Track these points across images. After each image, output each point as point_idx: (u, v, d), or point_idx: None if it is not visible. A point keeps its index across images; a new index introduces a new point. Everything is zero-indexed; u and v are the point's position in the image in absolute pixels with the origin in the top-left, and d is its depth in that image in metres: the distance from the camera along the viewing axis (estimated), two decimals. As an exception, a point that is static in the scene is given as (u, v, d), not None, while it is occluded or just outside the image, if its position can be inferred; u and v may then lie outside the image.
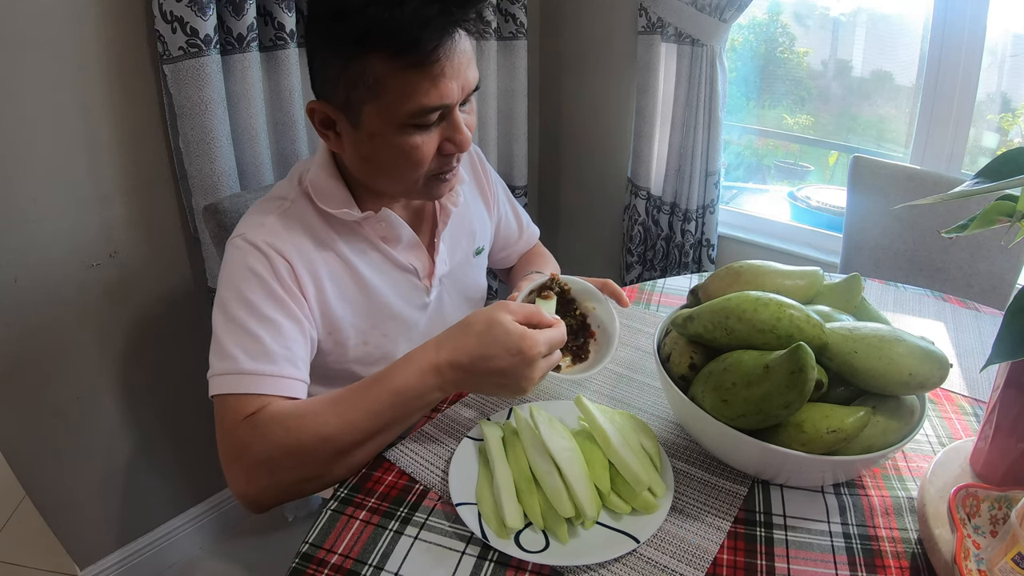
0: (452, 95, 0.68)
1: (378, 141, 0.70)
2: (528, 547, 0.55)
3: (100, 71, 1.04)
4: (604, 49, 1.81)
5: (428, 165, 0.73)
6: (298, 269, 0.75)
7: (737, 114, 1.85)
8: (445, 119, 0.71)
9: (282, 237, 0.75)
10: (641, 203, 1.76)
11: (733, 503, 0.62)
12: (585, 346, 0.80)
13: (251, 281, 0.72)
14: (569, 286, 0.83)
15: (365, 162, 0.75)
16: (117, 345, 1.20)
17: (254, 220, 0.77)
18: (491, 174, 1.02)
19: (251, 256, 0.73)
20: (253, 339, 0.69)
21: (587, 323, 0.82)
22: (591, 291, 0.82)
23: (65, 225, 1.07)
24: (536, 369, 0.64)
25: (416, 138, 0.70)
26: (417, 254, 0.86)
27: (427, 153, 0.71)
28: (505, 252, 1.11)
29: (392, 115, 0.68)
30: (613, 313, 0.81)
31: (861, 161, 1.34)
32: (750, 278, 0.70)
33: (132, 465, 1.29)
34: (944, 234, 0.61)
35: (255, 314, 0.71)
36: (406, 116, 0.68)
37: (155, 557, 1.37)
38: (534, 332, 0.64)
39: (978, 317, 0.98)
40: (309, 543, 0.57)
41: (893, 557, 0.56)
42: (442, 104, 0.68)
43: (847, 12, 1.66)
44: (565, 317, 0.79)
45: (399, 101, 0.66)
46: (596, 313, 0.82)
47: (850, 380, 0.59)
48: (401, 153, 0.71)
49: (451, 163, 0.75)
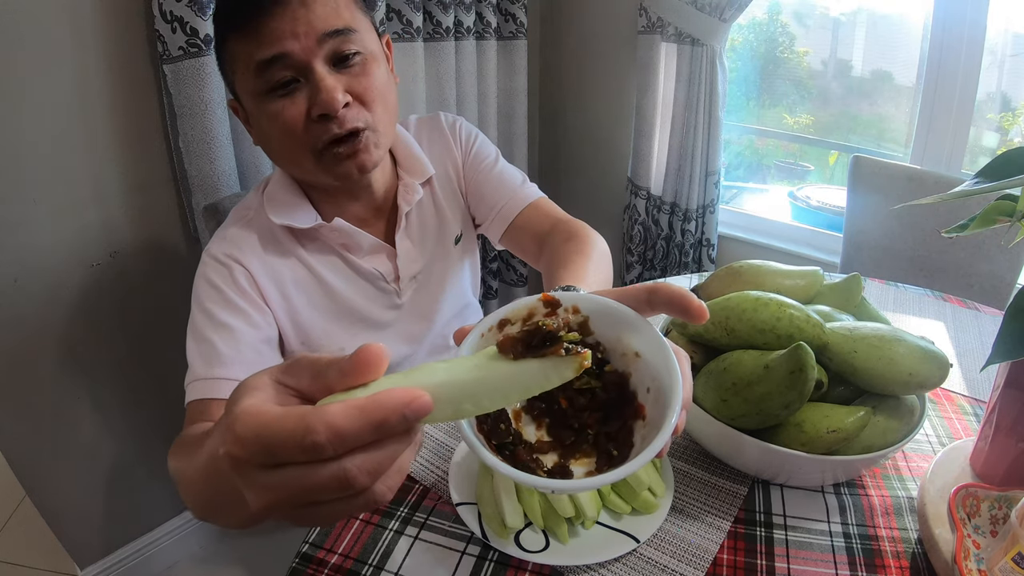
0: (281, 43, 0.65)
1: (256, 119, 0.72)
2: (528, 547, 0.55)
3: (100, 71, 1.04)
4: (604, 49, 1.81)
5: (303, 135, 0.69)
6: (259, 278, 0.76)
7: (737, 114, 1.85)
8: (308, 82, 0.67)
9: (243, 248, 0.76)
10: (641, 203, 1.76)
11: (733, 503, 0.62)
12: (626, 432, 0.39)
13: (209, 292, 0.73)
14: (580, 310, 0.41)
15: (266, 146, 0.75)
16: (117, 345, 1.20)
17: (219, 233, 0.78)
18: (468, 136, 0.92)
19: (211, 269, 0.75)
20: (208, 345, 0.70)
21: (630, 389, 0.40)
22: (626, 318, 0.40)
23: (65, 225, 1.07)
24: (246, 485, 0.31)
25: (277, 104, 0.68)
26: (382, 258, 0.84)
27: (291, 119, 0.68)
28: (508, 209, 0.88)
29: (247, 85, 0.69)
30: (671, 359, 0.38)
31: (861, 161, 1.34)
32: (750, 278, 0.70)
33: (132, 465, 1.29)
34: (944, 234, 0.61)
35: (212, 322, 0.71)
36: (254, 80, 0.67)
37: (155, 557, 1.37)
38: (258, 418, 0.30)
39: (978, 317, 0.98)
40: (309, 543, 0.57)
41: (893, 557, 0.56)
42: (271, 55, 0.65)
43: (847, 12, 1.66)
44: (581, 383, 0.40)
45: (245, 67, 0.68)
46: (642, 364, 0.40)
47: (850, 380, 0.59)
48: (272, 124, 0.69)
49: (331, 131, 0.68)
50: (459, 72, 1.57)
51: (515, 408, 0.41)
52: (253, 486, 0.30)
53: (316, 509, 0.31)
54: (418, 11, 1.41)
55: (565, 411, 0.41)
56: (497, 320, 0.40)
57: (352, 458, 0.29)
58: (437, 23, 1.47)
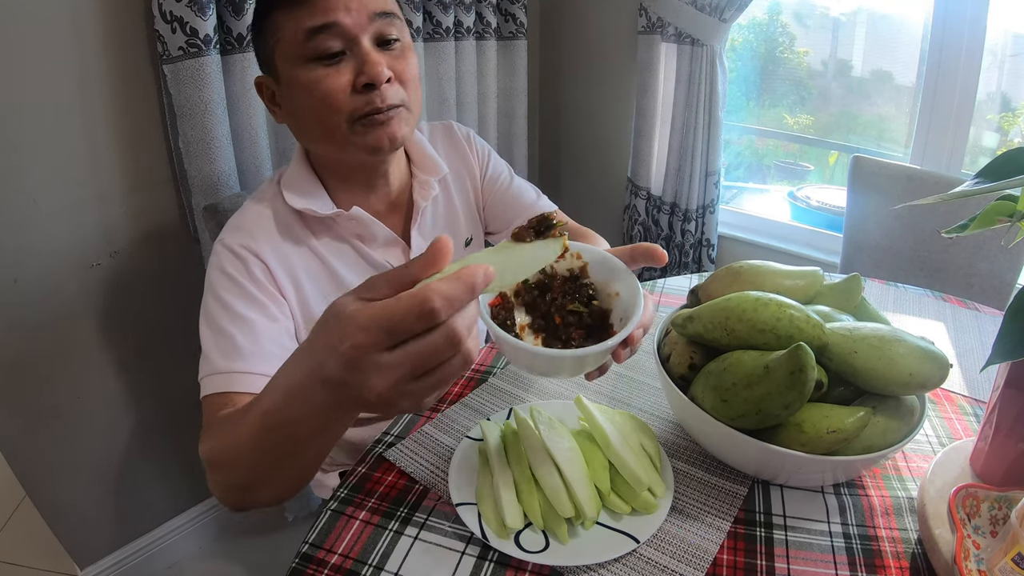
0: (333, 13, 0.69)
1: (294, 88, 0.72)
2: (528, 547, 0.55)
3: (100, 71, 1.04)
4: (604, 49, 1.81)
5: (344, 104, 0.71)
6: (275, 269, 0.76)
7: (737, 114, 1.85)
8: (354, 53, 0.71)
9: (257, 239, 0.76)
10: (641, 203, 1.76)
11: (733, 503, 0.62)
12: None
13: (225, 284, 0.73)
14: (582, 257, 0.57)
15: (295, 119, 0.76)
16: (117, 345, 1.20)
17: (233, 223, 0.78)
18: (481, 151, 0.98)
19: (226, 260, 0.74)
20: (226, 338, 0.70)
21: (609, 320, 0.56)
22: (615, 268, 0.56)
23: (65, 225, 1.07)
24: (371, 371, 0.38)
25: (320, 71, 0.70)
26: (395, 251, 0.85)
27: (335, 86, 0.70)
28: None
29: (290, 51, 0.71)
30: (640, 298, 0.54)
31: (861, 161, 1.34)
32: (750, 278, 0.70)
33: (132, 465, 1.29)
34: (944, 234, 0.61)
35: (229, 313, 0.71)
36: (300, 47, 0.70)
37: (155, 557, 1.37)
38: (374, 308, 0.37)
39: (978, 317, 0.98)
40: (309, 543, 0.57)
41: (893, 557, 0.56)
42: (323, 23, 0.69)
43: (847, 12, 1.66)
44: (573, 306, 0.56)
45: (292, 34, 0.70)
46: (619, 301, 0.56)
47: (850, 380, 0.59)
48: (312, 92, 0.71)
49: (373, 102, 0.71)
50: (459, 72, 1.58)
51: (521, 323, 0.55)
52: (378, 369, 0.37)
53: (429, 378, 0.38)
54: (418, 11, 1.41)
55: (558, 327, 0.55)
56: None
57: (455, 318, 0.37)
58: (437, 23, 1.47)
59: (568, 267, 0.58)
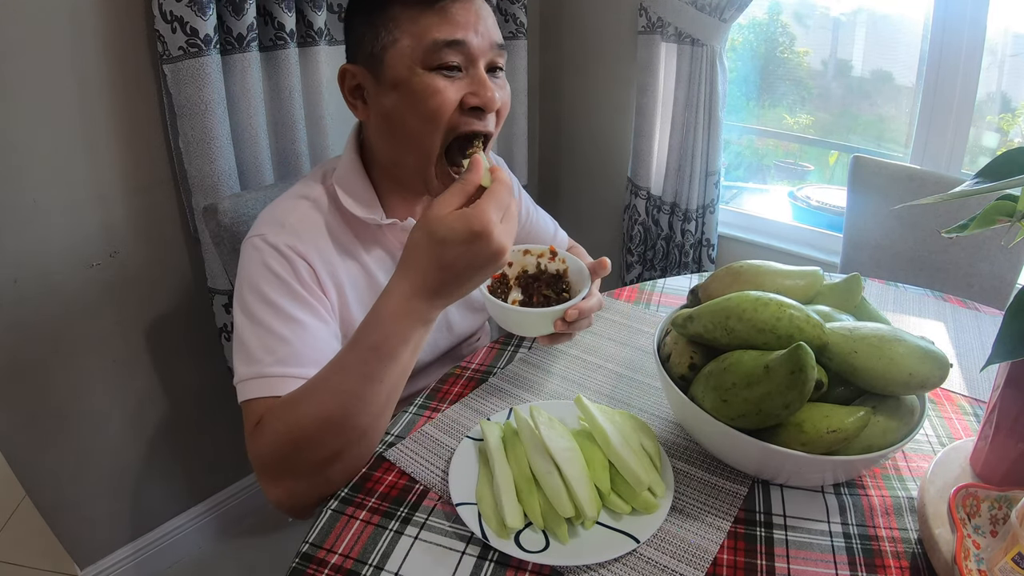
0: (464, 31, 0.70)
1: (401, 90, 0.71)
2: (528, 547, 0.55)
3: (100, 71, 1.04)
4: (604, 49, 1.81)
5: (449, 117, 0.71)
6: (320, 273, 0.74)
7: (737, 114, 1.85)
8: (469, 73, 0.71)
9: (304, 240, 0.74)
10: (641, 203, 1.76)
11: (733, 503, 0.62)
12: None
13: (272, 283, 0.71)
14: (566, 263, 0.80)
15: (387, 123, 0.74)
16: (117, 345, 1.20)
17: (275, 220, 0.75)
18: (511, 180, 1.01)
19: (271, 258, 0.72)
20: (279, 340, 0.68)
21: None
22: (584, 274, 0.77)
23: (65, 225, 1.07)
24: (496, 239, 0.56)
25: (438, 81, 0.70)
26: None
27: (447, 99, 0.70)
28: None
29: (411, 55, 0.70)
30: (585, 291, 0.74)
31: (861, 161, 1.34)
32: (750, 278, 0.70)
33: (132, 465, 1.29)
34: (944, 234, 0.61)
35: (280, 315, 0.69)
36: (423, 54, 0.69)
37: (155, 557, 1.37)
38: (474, 208, 0.57)
39: (978, 317, 0.98)
40: (309, 543, 0.57)
41: (893, 557, 0.56)
42: (454, 38, 0.69)
43: (847, 12, 1.66)
44: (547, 293, 0.77)
45: (415, 39, 0.69)
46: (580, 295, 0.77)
47: (850, 380, 0.59)
48: (425, 99, 0.70)
49: (474, 125, 0.72)
50: (459, 72, 1.57)
51: (513, 299, 0.76)
52: (503, 234, 0.57)
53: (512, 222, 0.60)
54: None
55: (536, 304, 0.75)
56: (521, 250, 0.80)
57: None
58: (437, 23, 1.47)
59: (556, 268, 0.80)
